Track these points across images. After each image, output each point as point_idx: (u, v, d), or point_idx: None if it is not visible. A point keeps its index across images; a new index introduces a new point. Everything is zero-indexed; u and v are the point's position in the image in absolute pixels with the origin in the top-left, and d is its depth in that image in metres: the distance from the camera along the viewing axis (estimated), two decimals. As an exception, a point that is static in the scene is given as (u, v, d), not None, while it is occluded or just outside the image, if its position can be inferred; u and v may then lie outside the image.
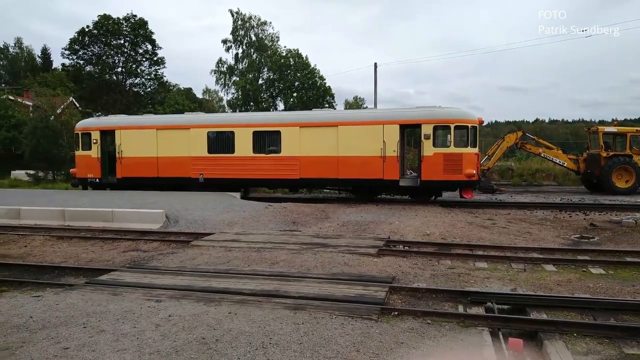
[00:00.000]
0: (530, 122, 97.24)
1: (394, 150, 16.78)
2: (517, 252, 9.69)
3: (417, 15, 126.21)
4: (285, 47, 47.75)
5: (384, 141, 16.81)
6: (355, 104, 69.62)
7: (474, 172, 16.44)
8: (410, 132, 19.35)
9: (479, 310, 6.17)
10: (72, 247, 11.03)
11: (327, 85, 45.13)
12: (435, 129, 16.61)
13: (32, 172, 30.49)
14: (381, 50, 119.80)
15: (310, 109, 24.00)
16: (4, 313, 5.71)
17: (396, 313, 5.79)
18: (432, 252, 9.62)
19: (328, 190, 21.50)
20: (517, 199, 19.93)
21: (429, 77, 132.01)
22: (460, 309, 6.23)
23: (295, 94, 44.93)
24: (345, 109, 54.55)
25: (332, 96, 45.94)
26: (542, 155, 22.96)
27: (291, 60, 44.92)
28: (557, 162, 22.92)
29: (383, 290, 6.66)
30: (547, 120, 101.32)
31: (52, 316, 5.59)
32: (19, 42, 66.78)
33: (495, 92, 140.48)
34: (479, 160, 18.00)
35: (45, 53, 65.40)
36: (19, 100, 42.20)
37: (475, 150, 16.91)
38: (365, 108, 51.43)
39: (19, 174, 32.32)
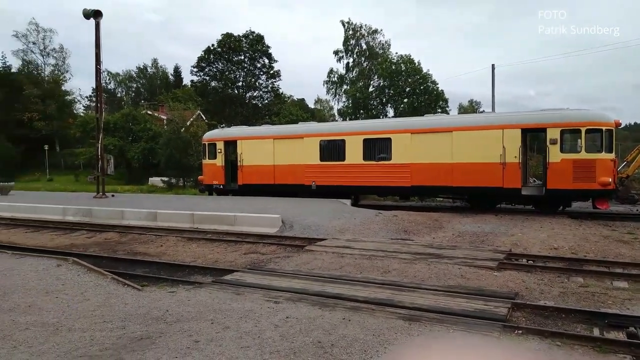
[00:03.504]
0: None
1: (515, 157, 15.71)
2: (666, 271, 8.47)
3: (536, 10, 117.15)
4: (396, 53, 47.48)
5: (503, 147, 15.84)
6: (471, 108, 66.78)
7: (610, 180, 14.75)
8: (533, 136, 18.00)
9: (618, 335, 5.49)
10: (200, 247, 12.04)
11: (439, 89, 43.92)
12: (562, 133, 15.24)
13: (166, 179, 33.94)
14: (498, 51, 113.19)
15: (422, 115, 23.53)
16: (146, 306, 6.40)
17: (520, 332, 5.38)
18: (560, 268, 8.80)
19: (441, 199, 20.82)
20: (664, 210, 17.42)
21: (552, 77, 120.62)
22: (596, 333, 5.60)
23: (406, 100, 44.38)
24: (460, 113, 52.53)
25: (446, 101, 44.62)
26: (695, 160, 19.86)
27: (402, 66, 44.49)
28: None
29: (505, 306, 6.24)
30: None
31: (184, 311, 6.13)
32: (155, 62, 75.44)
33: (634, 92, 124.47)
34: (616, 167, 16.11)
35: (177, 71, 72.89)
36: (155, 114, 47.52)
37: (611, 155, 15.17)
38: (481, 112, 49.04)
39: (155, 180, 36.27)
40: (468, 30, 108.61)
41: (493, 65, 33.43)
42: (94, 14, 22.72)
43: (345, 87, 54.24)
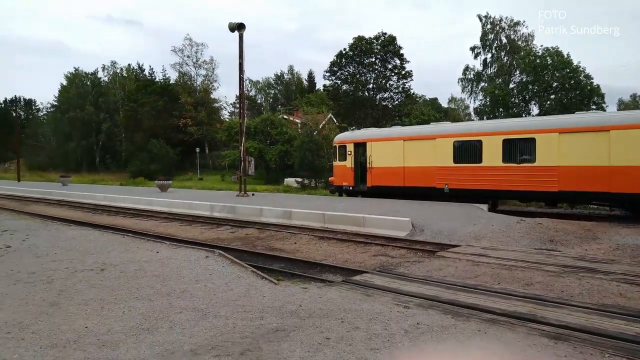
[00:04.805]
0: None
1: (693, 159, 13.31)
2: None
3: None
4: (541, 45, 43.55)
5: (677, 147, 13.53)
6: (634, 103, 58.59)
7: None
8: None
9: None
10: (330, 247, 12.36)
11: (594, 84, 39.20)
12: None
13: (299, 179, 35.66)
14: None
15: (572, 112, 21.22)
16: (281, 299, 6.73)
17: (702, 368, 4.51)
18: None
19: (595, 206, 18.53)
20: None
21: None
22: None
23: (553, 97, 40.51)
24: (619, 110, 46.32)
25: (601, 96, 39.68)
26: None
27: (548, 59, 40.67)
28: None
29: (679, 334, 5.28)
30: None
31: (316, 307, 6.31)
32: (291, 69, 79.94)
33: None
34: None
35: (310, 76, 76.19)
36: (290, 118, 50.26)
37: None
38: (645, 108, 42.77)
39: (289, 180, 38.34)
40: (628, 15, 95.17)
41: (663, 53, 28.82)
42: (238, 27, 24.79)
43: (482, 84, 51.42)
